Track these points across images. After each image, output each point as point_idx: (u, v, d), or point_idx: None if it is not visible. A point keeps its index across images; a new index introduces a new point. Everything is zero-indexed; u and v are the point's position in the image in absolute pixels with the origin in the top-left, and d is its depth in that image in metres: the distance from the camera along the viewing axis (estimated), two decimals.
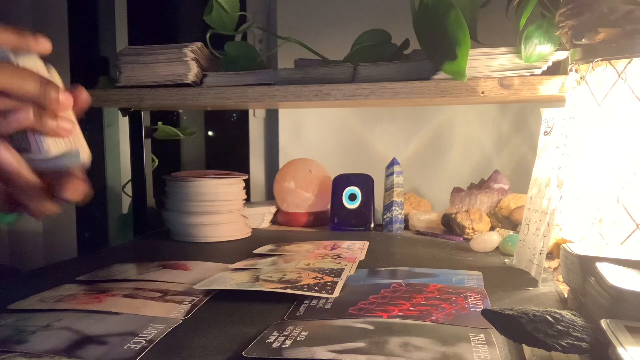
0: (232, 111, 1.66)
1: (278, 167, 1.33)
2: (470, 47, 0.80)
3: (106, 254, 0.90)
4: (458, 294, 0.60)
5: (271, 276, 0.66)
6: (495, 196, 1.07)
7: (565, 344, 0.40)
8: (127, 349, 0.46)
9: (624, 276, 0.47)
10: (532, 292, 0.65)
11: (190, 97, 0.96)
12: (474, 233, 0.97)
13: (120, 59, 0.99)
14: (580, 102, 0.71)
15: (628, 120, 0.65)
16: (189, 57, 0.96)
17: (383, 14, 1.24)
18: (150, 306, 0.57)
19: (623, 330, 0.39)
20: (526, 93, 0.85)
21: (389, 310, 0.55)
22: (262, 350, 0.45)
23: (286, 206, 1.16)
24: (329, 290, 0.60)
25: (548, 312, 0.42)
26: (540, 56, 0.83)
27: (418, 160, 1.32)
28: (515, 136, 1.28)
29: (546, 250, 0.67)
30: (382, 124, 1.33)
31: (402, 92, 0.89)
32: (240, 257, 0.81)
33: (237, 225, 1.02)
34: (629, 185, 0.65)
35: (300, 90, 0.93)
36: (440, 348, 0.45)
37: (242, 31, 1.07)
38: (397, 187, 1.08)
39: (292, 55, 1.04)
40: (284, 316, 0.55)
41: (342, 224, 1.10)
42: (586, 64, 0.69)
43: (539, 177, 0.75)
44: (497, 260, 0.82)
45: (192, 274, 0.72)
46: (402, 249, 0.92)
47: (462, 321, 0.52)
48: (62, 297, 0.60)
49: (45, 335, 0.49)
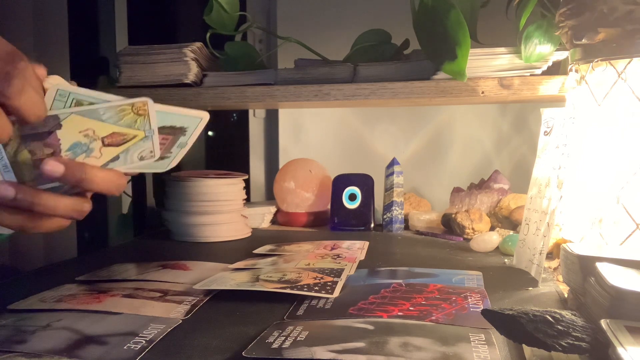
0: (232, 111, 1.66)
1: (278, 167, 1.33)
2: (470, 47, 0.80)
3: (106, 254, 0.90)
4: (458, 294, 0.60)
5: (271, 276, 0.66)
6: (495, 196, 1.07)
7: (565, 344, 0.40)
8: (127, 349, 0.46)
9: (624, 276, 0.47)
10: (532, 292, 0.65)
11: (190, 97, 0.96)
12: (474, 233, 0.97)
13: (120, 59, 0.99)
14: (580, 102, 0.71)
15: (628, 120, 0.65)
16: (189, 57, 0.96)
17: (383, 14, 1.24)
18: (150, 306, 0.57)
19: (623, 330, 0.39)
20: (526, 93, 0.85)
21: (389, 310, 0.55)
22: (262, 350, 0.44)
23: (286, 206, 1.16)
24: (329, 290, 0.60)
25: (548, 312, 0.42)
26: (540, 56, 0.83)
27: (418, 160, 1.32)
28: (515, 136, 1.28)
29: (546, 250, 0.67)
30: (382, 124, 1.33)
31: (402, 92, 0.89)
32: (240, 257, 0.81)
33: (237, 225, 1.02)
34: (629, 185, 0.65)
35: (300, 90, 0.93)
36: (440, 348, 0.45)
37: (242, 31, 1.07)
38: (397, 187, 1.08)
39: (292, 55, 1.04)
40: (284, 316, 0.55)
41: (342, 224, 1.10)
42: (586, 64, 0.69)
43: (539, 177, 0.75)
44: (497, 260, 0.82)
45: (192, 274, 0.72)
46: (402, 249, 0.92)
47: (462, 321, 0.52)
48: (62, 297, 0.60)
49: (45, 335, 0.49)
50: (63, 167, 0.41)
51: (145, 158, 0.45)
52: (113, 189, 0.44)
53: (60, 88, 0.41)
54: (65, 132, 0.41)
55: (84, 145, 0.42)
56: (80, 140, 0.42)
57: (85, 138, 0.42)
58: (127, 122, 0.43)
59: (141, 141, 0.44)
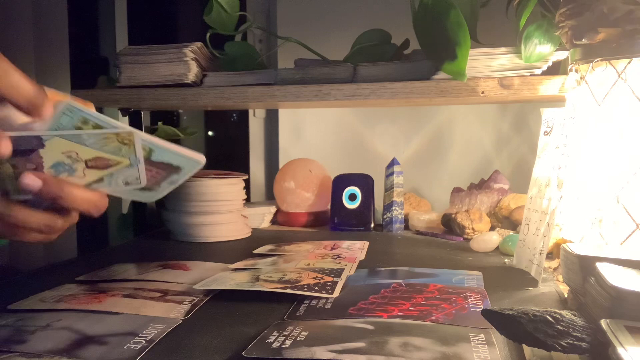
0: (232, 111, 1.66)
1: (278, 167, 1.33)
2: (470, 47, 0.80)
3: (106, 254, 0.90)
4: (458, 294, 0.60)
5: (271, 276, 0.66)
6: (495, 196, 1.07)
7: (565, 344, 0.40)
8: (127, 349, 0.46)
9: (624, 276, 0.47)
10: (532, 292, 0.65)
11: (190, 97, 0.96)
12: (474, 233, 0.97)
13: (120, 59, 0.99)
14: (580, 102, 0.71)
15: (628, 120, 0.65)
16: (189, 57, 0.96)
17: (383, 14, 1.24)
18: (150, 306, 0.57)
19: (623, 330, 0.39)
20: (526, 93, 0.85)
21: (389, 310, 0.55)
22: (262, 350, 0.44)
23: (286, 206, 1.16)
24: (329, 290, 0.60)
25: (548, 312, 0.42)
26: (540, 56, 0.83)
27: (418, 160, 1.32)
28: (515, 136, 1.28)
29: (546, 250, 0.67)
30: (382, 124, 1.33)
31: (402, 92, 0.89)
32: (240, 257, 0.81)
33: (237, 225, 1.02)
34: (629, 185, 0.65)
35: (300, 90, 0.93)
36: (440, 348, 0.45)
37: (242, 31, 1.07)
38: (397, 187, 1.08)
39: (292, 55, 1.04)
40: (284, 316, 0.55)
41: (342, 224, 1.10)
42: (586, 64, 0.69)
43: (539, 177, 0.75)
44: (497, 260, 0.82)
45: (192, 274, 0.72)
46: (402, 249, 0.92)
47: (462, 321, 0.52)
48: (62, 297, 0.60)
49: (45, 335, 0.49)
50: (41, 182, 0.42)
51: (131, 184, 0.46)
52: (92, 209, 0.45)
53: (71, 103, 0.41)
54: (48, 151, 0.43)
55: (66, 165, 0.43)
56: (62, 160, 0.43)
57: (67, 159, 0.43)
58: (111, 149, 0.44)
59: (126, 168, 0.45)
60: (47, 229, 0.45)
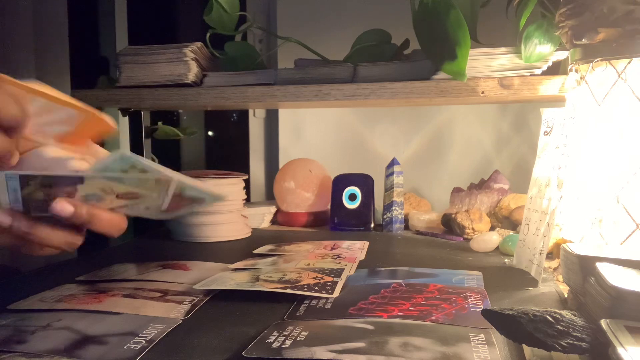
0: (232, 111, 1.66)
1: (278, 167, 1.33)
2: (470, 47, 0.80)
3: (106, 254, 0.90)
4: (458, 294, 0.60)
5: (271, 276, 0.66)
6: (495, 196, 1.07)
7: (565, 344, 0.40)
8: (127, 349, 0.46)
9: (624, 276, 0.47)
10: (532, 292, 0.65)
11: (190, 97, 0.96)
12: (474, 233, 0.97)
13: (120, 59, 0.99)
14: (580, 102, 0.71)
15: (628, 120, 0.65)
16: (189, 57, 0.96)
17: (383, 14, 1.24)
18: (150, 306, 0.57)
19: (623, 330, 0.39)
20: (526, 93, 0.85)
21: (389, 310, 0.55)
22: (262, 350, 0.44)
23: (286, 206, 1.16)
24: (329, 290, 0.60)
25: (548, 312, 0.42)
26: (540, 56, 0.83)
27: (418, 160, 1.32)
28: (515, 136, 1.28)
29: (546, 250, 0.67)
30: (382, 124, 1.33)
31: (402, 92, 0.89)
32: (240, 257, 0.81)
33: (237, 225, 1.02)
34: (629, 185, 0.65)
35: (300, 90, 0.93)
36: (440, 348, 0.45)
37: (242, 31, 1.07)
38: (397, 187, 1.08)
39: (292, 55, 1.04)
40: (284, 316, 0.55)
41: (342, 224, 1.10)
42: (586, 64, 0.69)
43: (539, 177, 0.75)
44: (497, 260, 0.82)
45: (192, 274, 0.72)
46: (402, 249, 0.92)
47: (462, 321, 0.52)
48: (62, 297, 0.60)
49: (45, 335, 0.49)
50: (73, 209, 0.43)
51: (151, 209, 0.47)
52: (114, 231, 0.46)
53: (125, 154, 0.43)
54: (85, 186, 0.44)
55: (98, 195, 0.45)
56: (96, 192, 0.44)
57: (101, 191, 0.45)
58: (146, 187, 0.45)
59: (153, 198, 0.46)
60: (69, 246, 0.46)
